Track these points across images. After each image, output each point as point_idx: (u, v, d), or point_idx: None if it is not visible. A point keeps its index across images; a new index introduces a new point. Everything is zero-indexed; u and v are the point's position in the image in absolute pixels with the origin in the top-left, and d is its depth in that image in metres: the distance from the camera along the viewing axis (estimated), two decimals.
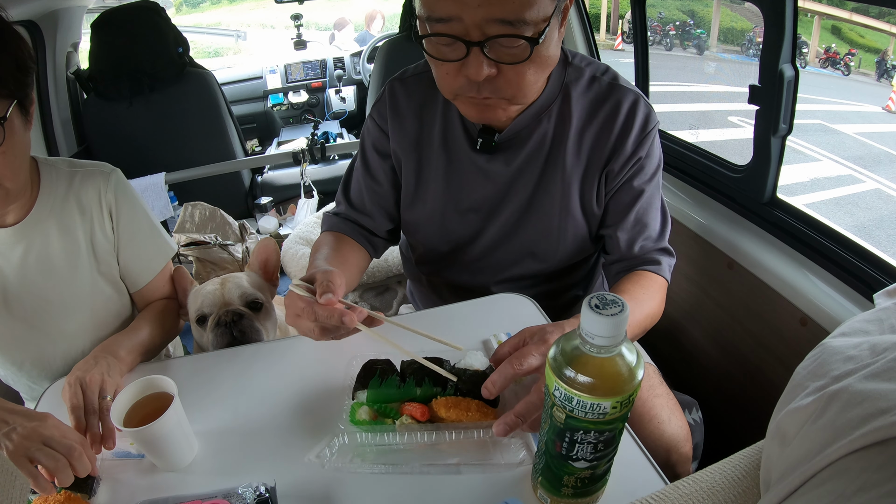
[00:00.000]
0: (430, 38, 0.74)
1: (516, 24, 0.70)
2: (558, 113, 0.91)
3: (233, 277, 1.03)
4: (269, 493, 0.62)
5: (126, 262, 1.01)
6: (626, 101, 0.90)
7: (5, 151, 0.77)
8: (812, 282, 1.11)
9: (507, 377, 0.66)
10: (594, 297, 0.47)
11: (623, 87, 0.91)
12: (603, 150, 0.91)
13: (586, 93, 0.91)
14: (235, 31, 9.62)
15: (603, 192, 0.95)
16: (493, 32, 0.70)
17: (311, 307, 0.73)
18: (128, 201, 0.99)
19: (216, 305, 0.98)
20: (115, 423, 0.67)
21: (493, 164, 0.94)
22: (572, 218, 0.95)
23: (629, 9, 1.63)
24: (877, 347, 0.39)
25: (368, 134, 1.03)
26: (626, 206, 0.94)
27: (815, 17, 7.06)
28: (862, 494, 0.31)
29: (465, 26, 0.70)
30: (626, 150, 0.90)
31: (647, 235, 0.96)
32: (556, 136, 0.92)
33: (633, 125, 0.89)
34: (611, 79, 0.92)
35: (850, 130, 5.43)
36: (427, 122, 0.97)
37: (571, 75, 0.91)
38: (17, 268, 0.92)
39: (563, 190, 0.94)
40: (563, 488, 0.57)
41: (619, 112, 0.90)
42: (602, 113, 0.90)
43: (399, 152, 0.99)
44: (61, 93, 2.25)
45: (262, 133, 3.48)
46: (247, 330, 0.97)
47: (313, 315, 0.73)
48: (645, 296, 0.90)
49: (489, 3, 0.68)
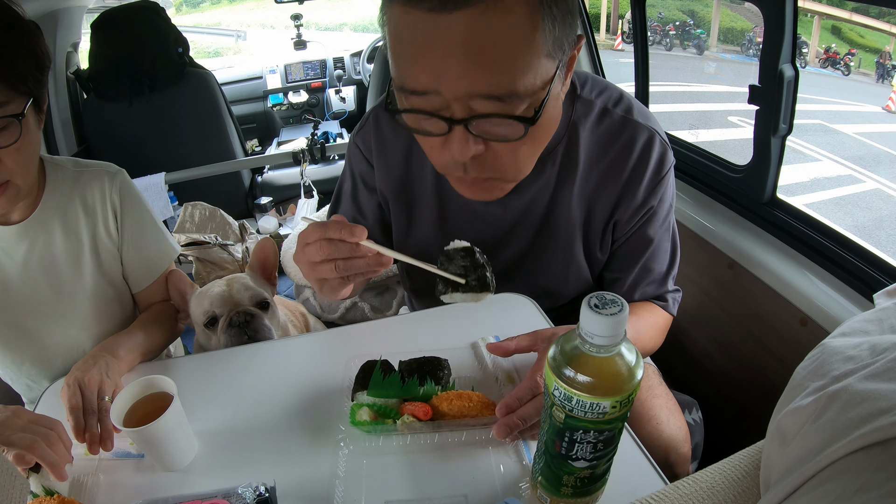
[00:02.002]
0: (406, 113, 0.64)
1: (507, 98, 0.58)
2: (564, 156, 0.82)
3: (238, 278, 1.03)
4: (269, 493, 0.62)
5: (130, 263, 1.01)
6: (640, 140, 0.80)
7: (19, 148, 0.77)
8: (812, 282, 1.11)
9: (529, 392, 0.66)
10: (594, 297, 0.47)
11: (637, 123, 0.81)
12: (611, 193, 0.83)
13: (595, 128, 0.82)
14: (235, 31, 9.63)
15: (609, 241, 0.88)
16: (479, 109, 0.59)
17: (322, 223, 0.67)
18: (133, 202, 1.00)
19: (226, 307, 0.98)
20: (115, 422, 0.67)
21: (490, 209, 0.87)
22: (576, 265, 0.90)
23: (629, 9, 1.63)
24: (877, 347, 0.39)
25: (355, 161, 0.95)
26: (635, 255, 0.88)
27: (815, 17, 7.06)
28: (862, 494, 0.31)
29: (445, 100, 0.59)
30: (637, 198, 0.82)
31: (652, 280, 0.91)
32: (560, 181, 0.84)
33: (647, 169, 0.81)
34: (624, 111, 0.82)
35: (850, 130, 5.43)
36: (416, 161, 0.88)
37: (580, 111, 0.81)
38: (20, 266, 0.92)
39: (566, 237, 0.87)
40: (562, 488, 0.57)
41: (632, 152, 0.81)
42: (612, 151, 0.81)
43: (386, 193, 0.92)
44: (61, 93, 2.25)
45: (262, 133, 3.48)
46: (260, 329, 0.97)
47: (323, 228, 0.67)
48: (643, 328, 0.87)
49: (473, 74, 0.57)
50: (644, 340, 0.88)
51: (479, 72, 0.57)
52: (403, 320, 0.96)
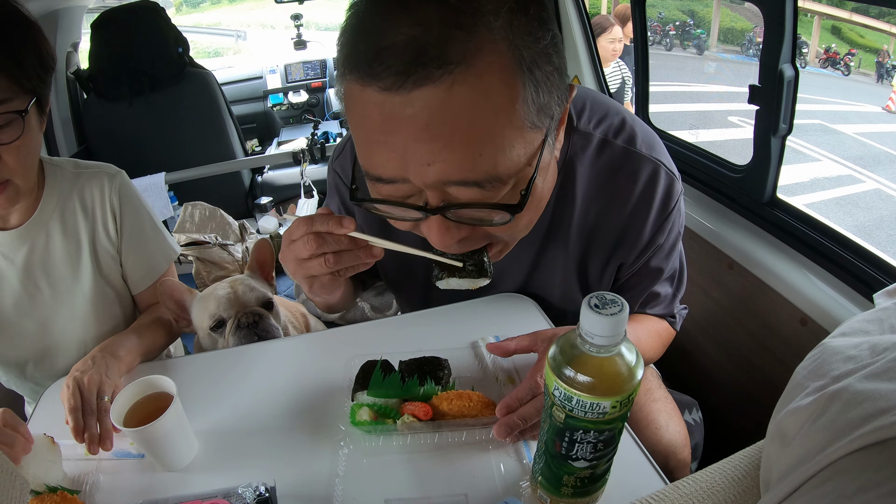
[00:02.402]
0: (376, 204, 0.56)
1: (487, 183, 0.51)
2: (559, 195, 0.75)
3: (241, 279, 1.02)
4: (269, 493, 0.62)
5: (129, 264, 1.01)
6: (644, 174, 0.72)
7: (20, 147, 0.77)
8: (812, 282, 1.11)
9: (529, 393, 0.65)
10: (594, 297, 0.47)
11: (639, 155, 0.73)
12: (612, 231, 0.76)
13: (594, 162, 0.74)
14: (235, 31, 9.63)
15: (611, 279, 0.83)
16: (457, 197, 0.52)
17: (308, 218, 0.63)
18: (132, 203, 0.99)
19: (233, 308, 0.97)
20: (115, 423, 0.67)
21: None
22: (572, 303, 0.84)
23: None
24: (877, 347, 0.39)
25: (336, 190, 0.89)
26: (641, 286, 0.83)
27: (815, 17, 7.06)
28: (862, 494, 0.31)
29: (416, 187, 0.52)
30: (643, 238, 0.76)
31: (658, 303, 0.87)
32: (555, 221, 0.77)
33: (652, 206, 0.73)
34: (625, 142, 0.73)
35: (850, 130, 5.43)
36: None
37: (577, 144, 0.73)
38: (20, 270, 0.92)
39: (563, 278, 0.82)
40: (562, 488, 0.57)
41: (635, 187, 0.73)
42: (612, 186, 0.74)
43: (366, 230, 0.80)
44: (61, 93, 2.25)
45: (262, 133, 3.48)
46: (269, 329, 0.97)
47: (310, 222, 0.62)
48: (643, 334, 0.85)
49: (444, 160, 0.49)
50: (644, 348, 0.85)
51: (452, 156, 0.49)
52: (403, 320, 0.96)
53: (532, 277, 0.84)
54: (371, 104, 0.49)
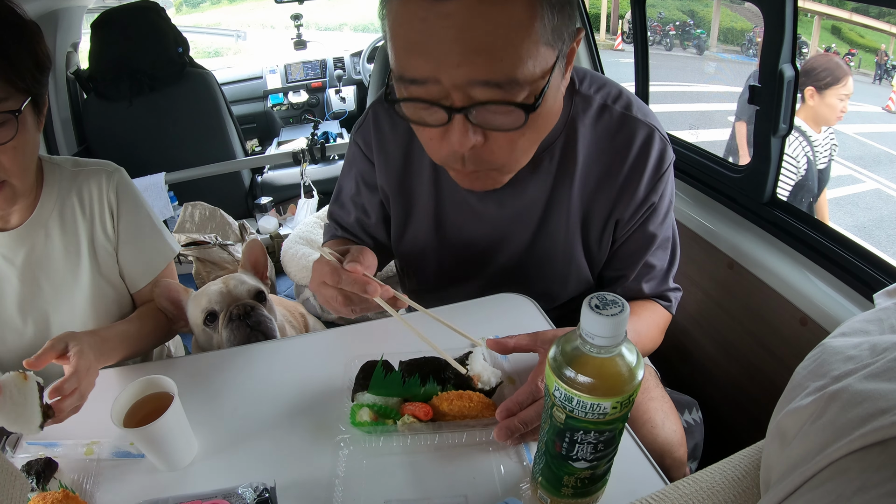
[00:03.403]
0: (406, 103, 0.64)
1: (506, 86, 0.59)
2: (562, 151, 0.82)
3: (234, 276, 1.03)
4: (269, 493, 0.62)
5: (125, 262, 1.01)
6: (639, 136, 0.80)
7: (16, 147, 0.77)
8: (812, 282, 1.11)
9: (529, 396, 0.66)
10: (594, 298, 0.47)
11: (636, 119, 0.81)
12: (610, 190, 0.83)
13: (595, 125, 0.81)
14: (235, 31, 9.64)
15: (609, 240, 0.88)
16: (479, 97, 0.59)
17: (336, 271, 0.71)
18: (130, 200, 0.99)
19: (225, 302, 0.98)
20: (116, 423, 0.67)
21: (485, 206, 0.87)
22: (576, 264, 0.89)
23: (629, 9, 1.63)
24: (877, 347, 0.39)
25: (355, 162, 0.95)
26: (637, 253, 0.88)
27: (815, 17, 7.06)
28: (862, 494, 0.31)
29: (444, 89, 0.60)
30: (638, 196, 0.82)
31: (654, 276, 0.91)
32: (559, 177, 0.83)
33: (647, 166, 0.80)
34: (623, 108, 0.81)
35: (850, 130, 5.43)
36: (415, 156, 0.88)
37: (579, 106, 0.81)
38: (20, 270, 0.92)
39: (566, 236, 0.87)
40: (563, 488, 0.57)
41: (631, 149, 0.80)
42: (611, 148, 0.81)
43: (386, 189, 0.92)
44: (61, 93, 2.25)
45: (262, 133, 3.48)
46: (262, 320, 0.97)
47: (338, 278, 0.70)
48: (643, 328, 0.87)
49: (471, 61, 0.57)
50: (644, 341, 0.88)
51: (478, 59, 0.57)
52: (416, 315, 0.96)
53: (538, 237, 0.88)
54: (413, 14, 0.58)
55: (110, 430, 0.71)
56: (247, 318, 0.96)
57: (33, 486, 0.66)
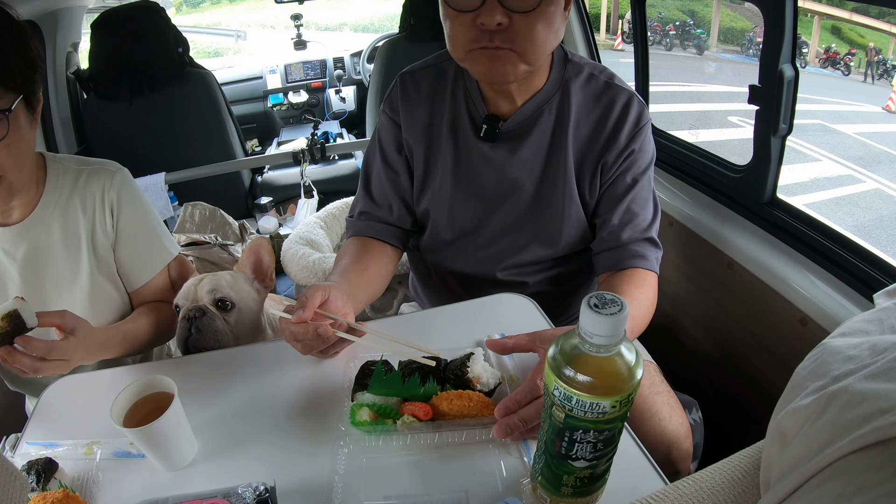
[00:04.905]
0: None
1: None
2: (559, 106, 0.97)
3: (214, 275, 1.00)
4: (269, 493, 0.62)
5: (122, 261, 1.01)
6: (621, 99, 0.96)
7: (9, 144, 0.78)
8: (812, 282, 1.11)
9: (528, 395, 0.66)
10: (593, 297, 0.47)
11: (618, 87, 0.97)
12: (598, 141, 0.97)
13: (584, 88, 0.97)
14: (235, 31, 9.64)
15: (598, 183, 0.99)
16: None
17: (288, 330, 0.77)
18: (130, 200, 1.00)
19: (188, 300, 0.97)
20: (116, 423, 0.67)
21: (496, 153, 0.98)
22: (575, 204, 1.00)
23: (629, 9, 1.63)
24: (877, 347, 0.39)
25: (382, 129, 1.07)
26: (619, 197, 0.98)
27: (815, 17, 7.06)
28: (862, 494, 0.31)
29: None
30: (620, 143, 0.96)
31: (636, 224, 0.98)
32: (557, 128, 0.97)
33: (627, 120, 0.95)
34: (607, 78, 0.98)
35: (850, 130, 5.43)
36: (437, 109, 1.01)
37: (571, 71, 0.97)
38: (21, 265, 0.92)
39: (565, 178, 0.98)
40: (562, 488, 0.57)
41: (614, 108, 0.96)
42: (598, 107, 0.97)
43: (410, 140, 1.03)
44: (61, 93, 2.25)
45: (262, 133, 3.48)
46: (203, 328, 0.93)
47: (291, 335, 0.76)
48: (640, 294, 0.92)
49: None
50: (639, 322, 0.92)
51: None
52: (403, 320, 0.96)
53: (541, 182, 0.99)
54: None
55: (110, 430, 0.71)
56: (194, 321, 0.93)
57: (33, 486, 0.66)
